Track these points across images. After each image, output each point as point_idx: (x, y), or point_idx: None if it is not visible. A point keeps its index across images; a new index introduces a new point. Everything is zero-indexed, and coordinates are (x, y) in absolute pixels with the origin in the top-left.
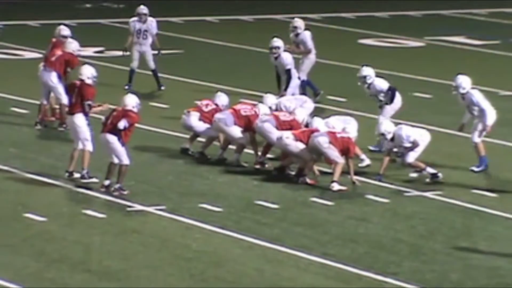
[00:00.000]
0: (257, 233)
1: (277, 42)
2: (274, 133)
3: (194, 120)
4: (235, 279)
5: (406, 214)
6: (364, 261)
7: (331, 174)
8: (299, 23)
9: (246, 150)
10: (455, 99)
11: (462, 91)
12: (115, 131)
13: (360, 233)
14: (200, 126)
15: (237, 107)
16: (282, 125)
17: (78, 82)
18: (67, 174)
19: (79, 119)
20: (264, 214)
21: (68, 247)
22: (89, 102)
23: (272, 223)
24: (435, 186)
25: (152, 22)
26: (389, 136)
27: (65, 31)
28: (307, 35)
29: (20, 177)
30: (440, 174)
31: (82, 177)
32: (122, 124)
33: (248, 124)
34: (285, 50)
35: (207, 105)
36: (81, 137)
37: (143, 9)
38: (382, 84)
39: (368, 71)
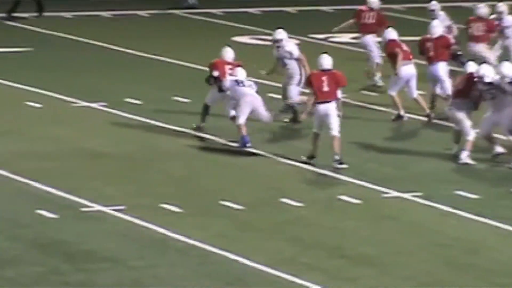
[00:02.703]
0: None
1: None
2: None
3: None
4: (491, 267)
5: None
6: None
7: None
8: (503, 8)
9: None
10: None
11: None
12: None
13: None
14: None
15: None
16: None
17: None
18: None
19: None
20: None
21: (323, 232)
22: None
23: None
24: None
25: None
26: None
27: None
28: (510, 20)
29: (276, 162)
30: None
31: (339, 162)
32: (216, 73)
33: None
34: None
35: None
36: (331, 126)
37: (433, 5)
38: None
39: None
